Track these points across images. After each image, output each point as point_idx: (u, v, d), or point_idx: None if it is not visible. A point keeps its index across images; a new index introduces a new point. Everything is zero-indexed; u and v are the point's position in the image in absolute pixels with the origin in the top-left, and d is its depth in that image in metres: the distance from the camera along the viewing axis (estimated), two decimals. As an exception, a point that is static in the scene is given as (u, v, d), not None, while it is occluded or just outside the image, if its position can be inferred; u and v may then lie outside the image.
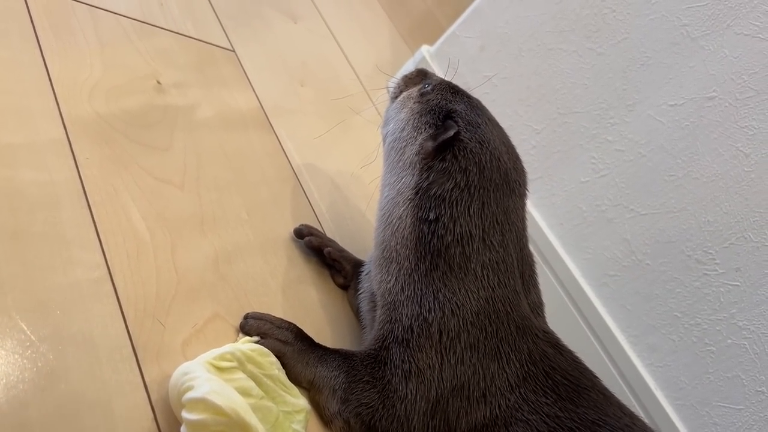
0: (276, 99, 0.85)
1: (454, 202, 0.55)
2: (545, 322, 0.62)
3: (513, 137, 0.98)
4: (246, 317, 0.57)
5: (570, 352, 0.60)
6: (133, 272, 0.52)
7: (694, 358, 0.81)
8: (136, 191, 0.58)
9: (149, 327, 0.50)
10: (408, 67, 1.11)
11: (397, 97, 0.67)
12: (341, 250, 0.70)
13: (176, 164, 0.64)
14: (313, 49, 1.04)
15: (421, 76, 0.68)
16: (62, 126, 0.57)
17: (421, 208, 0.56)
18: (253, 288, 0.61)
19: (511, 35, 0.99)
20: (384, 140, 0.65)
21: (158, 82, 0.71)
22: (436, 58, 1.09)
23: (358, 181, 0.86)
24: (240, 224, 0.65)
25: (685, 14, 0.84)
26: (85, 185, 0.55)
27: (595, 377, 0.60)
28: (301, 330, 0.58)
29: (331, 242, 0.71)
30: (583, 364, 0.60)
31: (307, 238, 0.69)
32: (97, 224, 0.53)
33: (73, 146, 0.57)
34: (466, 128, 0.57)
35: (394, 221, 0.58)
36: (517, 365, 0.56)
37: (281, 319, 0.58)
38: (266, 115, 0.81)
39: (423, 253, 0.56)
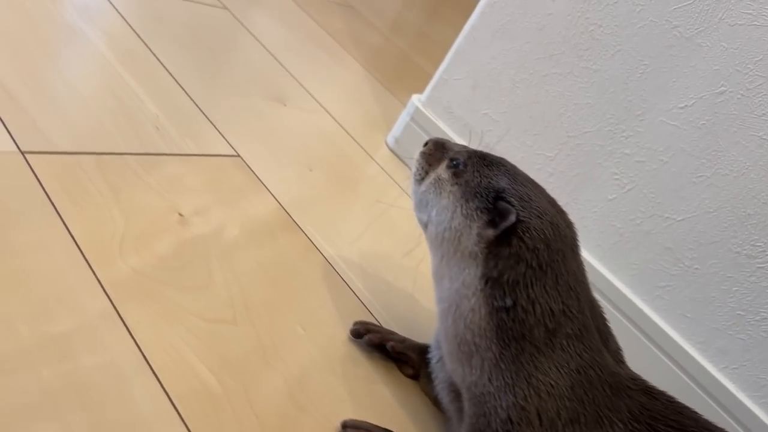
0: (292, 193, 0.84)
1: (529, 284, 0.54)
2: (628, 367, 0.61)
3: (526, 168, 0.97)
4: (344, 426, 0.57)
5: (662, 394, 0.59)
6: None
7: (769, 353, 0.80)
8: (193, 341, 0.57)
9: (252, 492, 0.48)
10: (403, 119, 1.10)
11: (423, 179, 0.63)
12: (403, 340, 0.69)
13: (222, 299, 0.62)
14: (309, 127, 1.03)
15: (440, 149, 0.64)
16: (105, 294, 0.56)
17: (494, 297, 0.54)
18: (329, 405, 0.60)
19: (501, 69, 0.99)
20: (425, 227, 0.62)
21: (180, 215, 0.69)
22: (428, 106, 1.08)
23: (394, 260, 0.84)
24: (299, 342, 0.64)
25: (674, 16, 0.83)
26: (144, 353, 0.53)
27: (694, 413, 0.58)
28: None
29: (390, 334, 0.69)
30: (679, 403, 0.59)
31: (366, 337, 0.68)
32: (168, 392, 0.51)
33: (121, 313, 0.55)
34: (521, 206, 0.55)
35: (466, 313, 0.56)
36: (621, 426, 0.55)
37: (377, 426, 0.58)
38: (288, 214, 0.80)
39: (506, 341, 0.54)
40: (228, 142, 0.86)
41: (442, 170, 0.62)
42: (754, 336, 0.81)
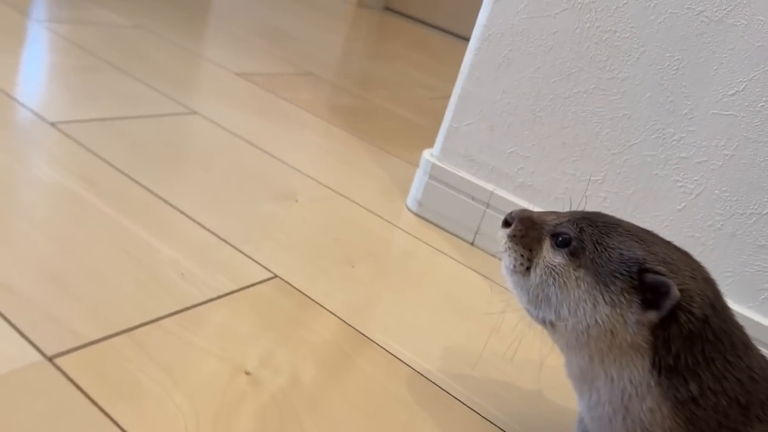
0: (346, 301, 0.74)
1: (710, 361, 0.45)
2: None
3: (577, 199, 0.89)
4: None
5: None
6: None
7: None
8: None
9: None
10: (421, 179, 1.02)
11: (529, 269, 0.52)
12: None
13: (335, 465, 0.52)
14: (330, 218, 0.93)
15: (531, 226, 0.53)
16: None
17: (676, 389, 0.45)
18: None
19: (516, 102, 0.91)
20: (551, 326, 0.51)
21: (247, 373, 0.59)
22: (445, 159, 0.99)
23: (497, 354, 0.74)
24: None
25: (695, 1, 0.77)
26: None
27: None
28: None
29: None
30: None
31: None
32: None
33: None
34: (671, 272, 0.46)
35: (641, 416, 0.46)
36: None
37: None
38: (354, 328, 0.70)
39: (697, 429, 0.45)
40: (260, 264, 0.76)
41: (550, 253, 0.51)
42: None
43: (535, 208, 0.91)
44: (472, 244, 0.98)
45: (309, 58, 1.77)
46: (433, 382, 0.66)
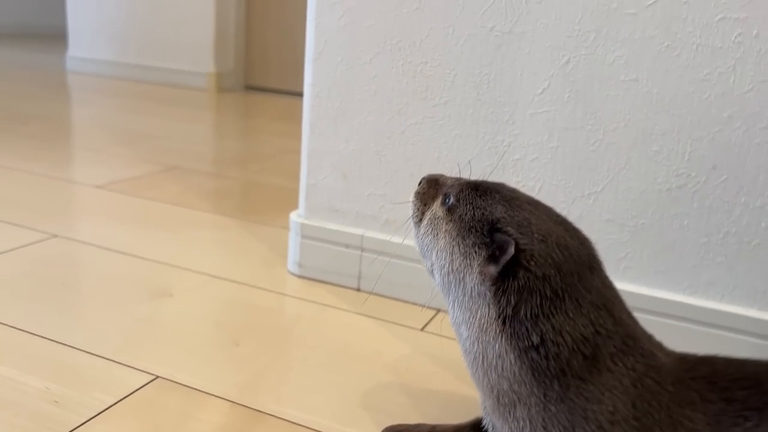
0: (234, 382, 0.73)
1: (550, 314, 0.49)
2: (675, 353, 0.56)
3: (439, 222, 0.92)
4: None
5: (714, 358, 0.55)
6: None
7: (750, 261, 0.78)
8: None
9: None
10: (295, 241, 1.03)
11: (421, 221, 0.60)
12: (432, 428, 0.64)
13: None
14: (210, 303, 0.92)
15: (434, 186, 0.61)
16: None
17: (518, 337, 0.50)
18: None
19: (360, 147, 0.95)
20: (432, 275, 0.58)
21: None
22: (311, 216, 1.01)
23: (394, 389, 0.75)
24: None
25: (485, 19, 0.84)
26: None
27: (750, 360, 0.55)
28: None
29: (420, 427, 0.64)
30: (734, 358, 0.55)
31: None
32: None
33: None
34: (520, 233, 0.51)
35: (494, 361, 0.51)
36: (703, 416, 0.50)
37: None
38: (245, 406, 0.69)
39: (547, 382, 0.49)
40: (138, 369, 0.74)
41: (437, 208, 0.59)
42: (727, 254, 0.79)
43: (407, 241, 0.94)
44: (358, 289, 1.00)
45: (173, 153, 1.76)
46: (333, 436, 0.66)
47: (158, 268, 1.02)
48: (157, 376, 0.73)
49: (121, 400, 0.68)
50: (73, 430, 0.63)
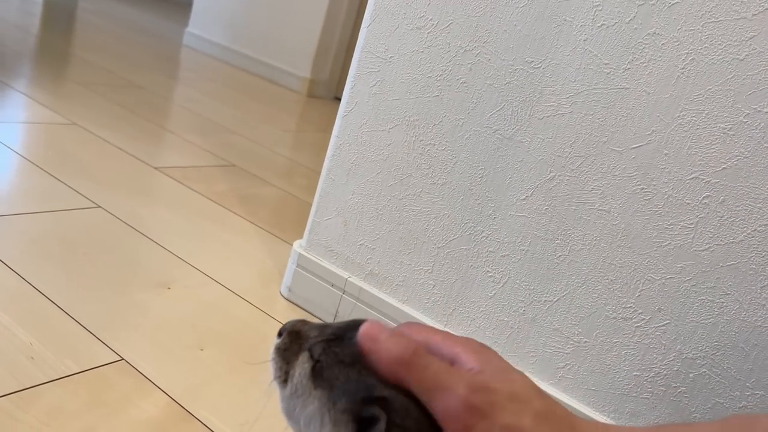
0: (183, 381, 0.84)
1: None
2: None
3: (411, 287, 1.01)
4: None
5: None
6: None
7: (673, 405, 0.82)
8: None
9: None
10: (291, 268, 1.14)
11: (286, 381, 0.55)
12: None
13: None
14: (196, 305, 1.04)
15: (296, 340, 0.57)
16: None
17: None
18: None
19: (363, 202, 1.04)
20: None
21: (62, 446, 0.68)
22: (310, 250, 1.11)
23: None
24: None
25: (492, 121, 0.91)
26: None
27: None
28: None
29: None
30: None
31: None
32: None
33: None
34: (389, 407, 0.49)
35: None
36: None
37: None
38: (181, 406, 0.80)
39: None
40: (110, 348, 0.86)
41: (301, 368, 0.54)
42: (654, 392, 0.83)
43: (381, 294, 1.03)
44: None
45: (236, 151, 1.91)
46: (238, 454, 0.75)
47: (170, 260, 1.15)
48: (122, 359, 0.85)
49: (84, 371, 0.80)
50: (33, 386, 0.75)
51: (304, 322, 0.59)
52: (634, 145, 0.82)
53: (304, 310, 1.12)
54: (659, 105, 0.79)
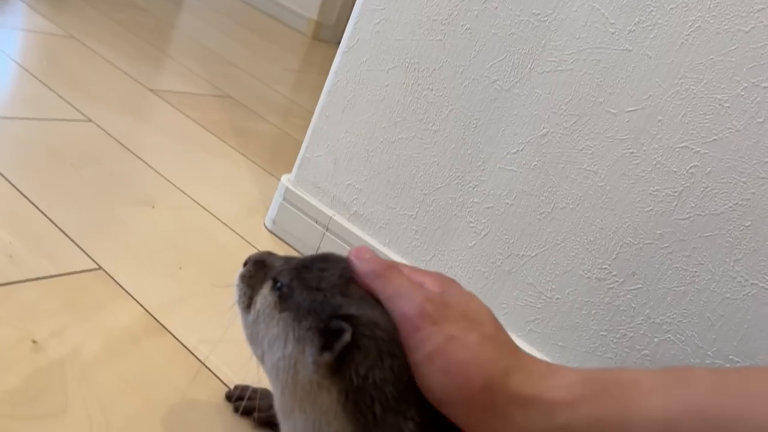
0: (159, 297, 0.85)
1: (391, 383, 0.50)
2: None
3: (393, 230, 1.02)
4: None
5: None
6: None
7: (635, 366, 0.84)
8: (45, 472, 0.56)
9: None
10: (276, 201, 1.14)
11: (249, 306, 0.58)
12: (269, 407, 0.66)
13: (80, 423, 0.62)
14: (180, 226, 1.04)
15: (261, 269, 0.59)
16: (-54, 441, 0.55)
17: (360, 413, 0.51)
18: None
19: (355, 141, 1.04)
20: (262, 362, 0.57)
21: (33, 342, 0.69)
22: (298, 184, 1.12)
23: None
24: (165, 448, 0.64)
25: (492, 71, 0.91)
26: (-11, 494, 0.52)
27: None
28: None
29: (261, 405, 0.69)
30: None
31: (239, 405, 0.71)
32: None
33: (-37, 458, 0.54)
34: (352, 323, 0.51)
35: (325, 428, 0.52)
36: None
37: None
38: (154, 318, 0.81)
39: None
40: (90, 257, 0.87)
41: (265, 295, 0.57)
42: (619, 353, 0.85)
43: (364, 235, 1.04)
44: (312, 262, 1.10)
45: (235, 84, 1.89)
46: (207, 367, 0.77)
47: (156, 180, 1.14)
48: (101, 268, 0.85)
49: (62, 275, 0.81)
50: (9, 283, 0.76)
51: (269, 253, 0.61)
52: (630, 109, 0.82)
53: (286, 243, 1.13)
54: (659, 70, 0.79)
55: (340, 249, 1.06)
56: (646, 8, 0.79)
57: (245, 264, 0.60)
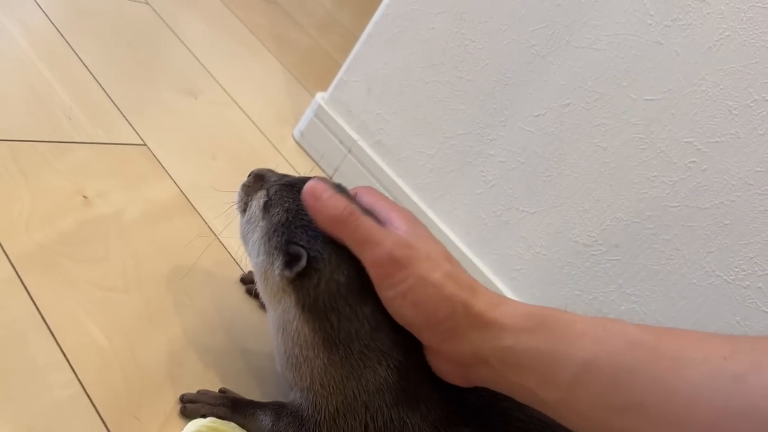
0: (193, 180, 0.94)
1: (344, 298, 0.58)
2: None
3: (410, 164, 1.10)
4: (182, 401, 0.63)
5: None
6: (102, 379, 0.61)
7: (598, 326, 0.94)
8: (88, 306, 0.67)
9: (127, 424, 0.59)
10: (308, 115, 1.21)
11: (245, 210, 0.68)
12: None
13: (117, 270, 0.73)
14: (217, 119, 1.12)
15: (259, 180, 0.67)
16: (9, 264, 0.65)
17: (317, 318, 0.59)
18: (207, 363, 0.70)
19: (392, 75, 1.11)
20: (250, 257, 0.67)
21: (84, 197, 0.79)
22: (330, 104, 1.19)
23: None
24: (184, 310, 0.74)
25: (532, 36, 0.97)
26: (43, 314, 0.63)
27: None
28: (236, 398, 0.65)
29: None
30: None
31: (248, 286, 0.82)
32: (61, 345, 0.61)
33: (24, 281, 0.64)
34: (312, 246, 0.59)
35: (294, 334, 0.61)
36: (438, 412, 0.61)
37: (215, 395, 0.65)
38: (187, 199, 0.90)
39: (334, 348, 0.59)
40: (137, 132, 0.95)
41: (256, 202, 0.65)
42: (587, 312, 0.95)
43: (382, 163, 1.12)
44: (330, 178, 1.19)
45: (283, -9, 1.93)
46: (225, 248, 0.86)
47: (201, 73, 1.22)
48: (145, 144, 0.94)
49: (112, 144, 0.90)
50: (67, 142, 0.84)
51: (269, 170, 0.71)
52: (648, 97, 0.89)
53: (309, 156, 1.21)
54: (683, 68, 0.86)
55: (359, 171, 1.14)
56: (685, 7, 0.85)
57: (249, 176, 0.70)
